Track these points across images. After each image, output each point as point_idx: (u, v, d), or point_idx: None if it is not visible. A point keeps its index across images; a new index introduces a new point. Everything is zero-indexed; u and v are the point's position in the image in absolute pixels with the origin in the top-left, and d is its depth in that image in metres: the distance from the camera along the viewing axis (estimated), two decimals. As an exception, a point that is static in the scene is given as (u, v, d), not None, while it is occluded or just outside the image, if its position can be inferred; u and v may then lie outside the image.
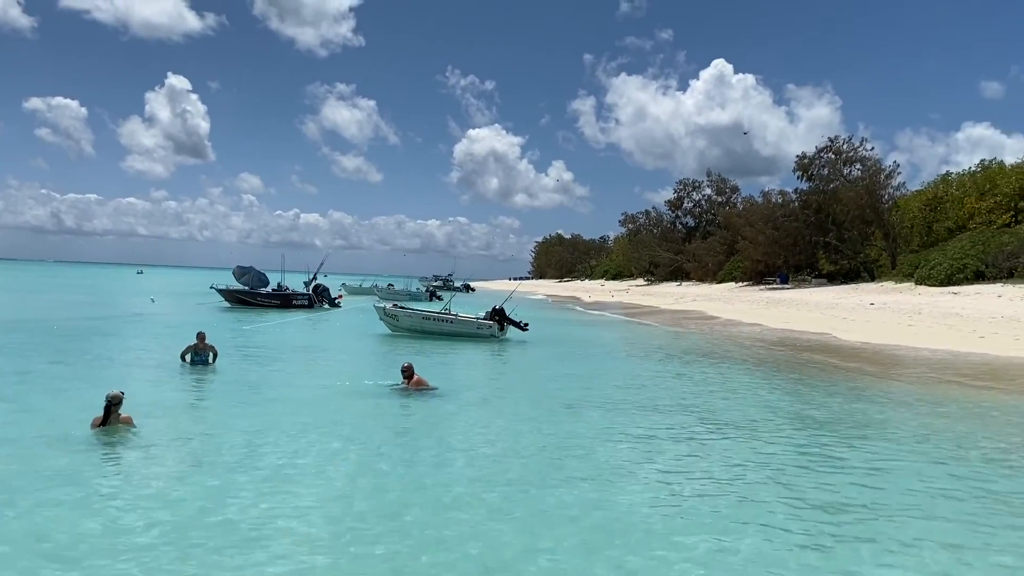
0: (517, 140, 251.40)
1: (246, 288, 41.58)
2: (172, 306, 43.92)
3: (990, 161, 59.18)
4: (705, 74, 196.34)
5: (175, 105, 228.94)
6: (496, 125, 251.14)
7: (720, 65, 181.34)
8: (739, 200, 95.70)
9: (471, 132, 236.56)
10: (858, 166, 64.42)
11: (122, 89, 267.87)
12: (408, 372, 13.88)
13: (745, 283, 75.07)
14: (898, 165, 67.90)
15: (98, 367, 16.88)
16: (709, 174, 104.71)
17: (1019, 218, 49.24)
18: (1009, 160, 58.34)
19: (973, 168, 59.57)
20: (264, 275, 42.94)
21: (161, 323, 31.15)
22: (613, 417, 12.19)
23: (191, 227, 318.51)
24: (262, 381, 15.51)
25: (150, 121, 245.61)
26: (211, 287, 43.63)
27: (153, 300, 46.82)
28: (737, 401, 14.46)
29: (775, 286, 67.03)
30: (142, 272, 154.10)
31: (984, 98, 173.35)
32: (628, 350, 25.75)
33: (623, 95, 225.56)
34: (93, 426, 9.68)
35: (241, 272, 42.68)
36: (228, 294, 41.64)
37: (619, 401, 13.94)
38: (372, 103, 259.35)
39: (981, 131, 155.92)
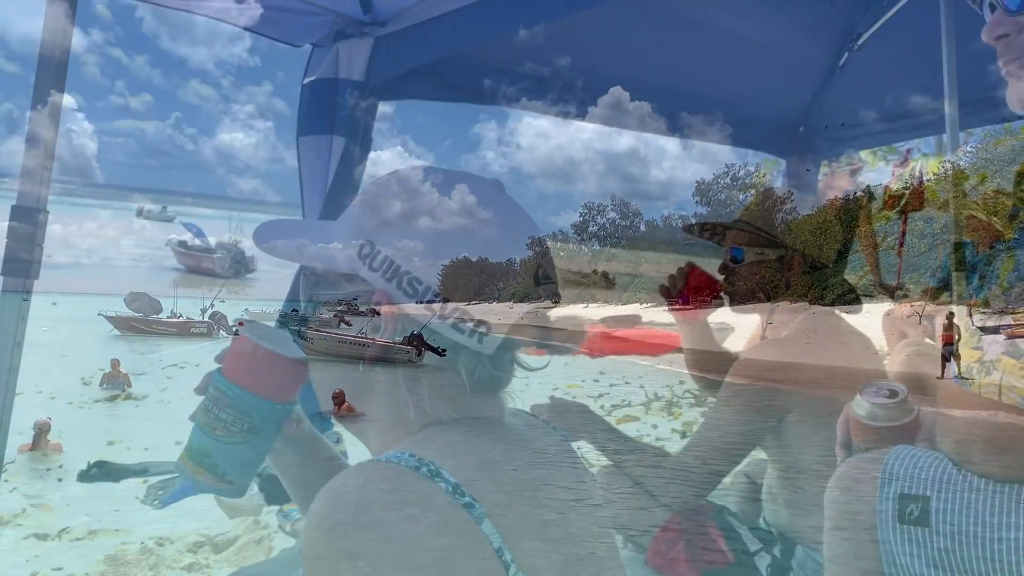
0: (420, 163, 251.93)
1: (139, 315, 39.66)
2: (65, 334, 41.49)
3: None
4: (602, 101, 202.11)
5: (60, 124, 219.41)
6: (398, 148, 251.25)
7: (617, 92, 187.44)
8: (642, 224, 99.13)
9: (372, 155, 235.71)
10: (752, 192, 67.76)
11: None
12: (339, 398, 13.41)
13: (649, 304, 77.54)
14: (791, 192, 71.90)
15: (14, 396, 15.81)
16: (613, 198, 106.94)
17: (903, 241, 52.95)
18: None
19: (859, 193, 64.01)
20: (158, 301, 41.06)
21: (58, 352, 29.42)
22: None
23: (77, 251, 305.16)
24: (191, 408, 14.83)
25: (32, 141, 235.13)
26: (99, 314, 41.12)
27: (44, 330, 44.07)
28: (651, 414, 14.70)
29: (677, 307, 69.59)
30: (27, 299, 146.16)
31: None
32: (540, 370, 25.93)
33: (523, 120, 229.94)
34: (20, 452, 9.16)
35: (133, 298, 40.71)
36: (119, 321, 39.54)
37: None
38: (269, 124, 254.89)
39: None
